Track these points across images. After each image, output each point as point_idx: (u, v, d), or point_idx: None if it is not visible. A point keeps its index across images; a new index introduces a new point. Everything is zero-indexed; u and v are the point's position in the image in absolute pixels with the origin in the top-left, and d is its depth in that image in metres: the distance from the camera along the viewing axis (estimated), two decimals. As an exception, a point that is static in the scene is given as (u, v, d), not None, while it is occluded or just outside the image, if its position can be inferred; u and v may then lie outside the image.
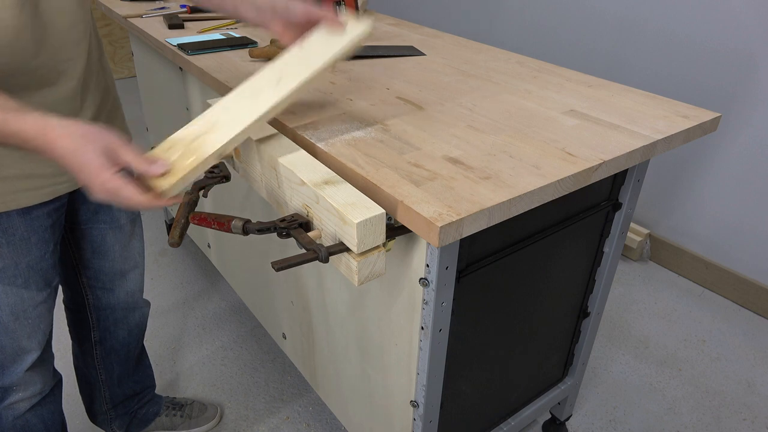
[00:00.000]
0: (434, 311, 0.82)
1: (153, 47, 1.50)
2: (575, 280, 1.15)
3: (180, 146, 0.78)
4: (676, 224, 2.13)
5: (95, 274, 1.15)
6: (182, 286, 2.01)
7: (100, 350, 1.26)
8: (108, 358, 1.27)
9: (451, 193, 0.74)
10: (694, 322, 1.90)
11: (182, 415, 1.47)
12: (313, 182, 0.76)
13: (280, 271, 0.93)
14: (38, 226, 0.93)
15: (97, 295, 1.18)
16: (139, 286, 1.24)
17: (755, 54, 1.74)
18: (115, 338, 1.26)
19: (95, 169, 0.68)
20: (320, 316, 1.15)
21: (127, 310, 1.24)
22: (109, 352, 1.27)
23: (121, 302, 1.22)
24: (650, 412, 1.56)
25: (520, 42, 2.47)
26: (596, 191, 1.04)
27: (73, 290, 1.18)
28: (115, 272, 1.17)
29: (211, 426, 1.49)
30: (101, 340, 1.25)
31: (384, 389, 1.03)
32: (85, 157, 0.68)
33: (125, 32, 3.84)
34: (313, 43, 0.87)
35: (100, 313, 1.21)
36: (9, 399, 1.03)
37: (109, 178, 0.69)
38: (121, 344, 1.27)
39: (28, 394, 1.05)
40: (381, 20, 1.67)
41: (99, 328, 1.23)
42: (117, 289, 1.19)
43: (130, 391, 1.36)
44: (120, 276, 1.18)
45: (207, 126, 0.81)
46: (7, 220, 0.89)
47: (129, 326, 1.27)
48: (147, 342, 1.76)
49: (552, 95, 1.10)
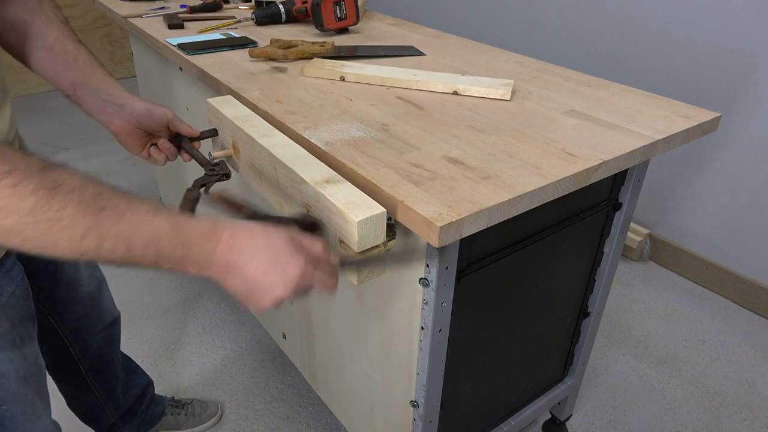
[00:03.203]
0: (434, 311, 0.82)
1: (153, 47, 1.50)
2: (575, 280, 1.15)
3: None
4: (676, 224, 2.13)
5: (66, 307, 1.07)
6: (182, 286, 2.01)
7: (93, 377, 1.21)
8: (104, 379, 1.24)
9: (451, 193, 0.74)
10: (694, 322, 1.90)
11: (186, 413, 1.47)
12: (314, 181, 0.76)
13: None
14: (16, 274, 0.83)
15: (74, 327, 1.11)
16: (109, 298, 1.18)
17: (755, 54, 1.74)
18: (104, 358, 1.21)
19: (287, 262, 0.60)
20: (320, 316, 1.15)
21: (105, 328, 1.19)
22: (103, 372, 1.23)
23: (100, 323, 1.16)
24: (650, 412, 1.56)
25: (520, 42, 2.47)
26: (596, 191, 1.04)
27: (46, 334, 1.08)
28: (85, 295, 1.09)
29: (215, 422, 1.51)
30: (91, 367, 1.20)
31: (384, 389, 1.03)
32: (269, 247, 0.60)
33: (125, 32, 3.84)
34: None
35: (82, 342, 1.15)
36: None
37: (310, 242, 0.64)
38: (109, 360, 1.23)
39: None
40: (381, 20, 1.67)
41: (85, 358, 1.17)
42: (91, 312, 1.13)
43: (133, 397, 1.34)
44: (91, 298, 1.11)
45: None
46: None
47: (111, 340, 1.22)
48: (147, 342, 1.76)
49: (552, 95, 1.10)
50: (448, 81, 1.11)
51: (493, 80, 1.11)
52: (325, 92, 1.09)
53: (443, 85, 1.10)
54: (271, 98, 1.05)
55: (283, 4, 1.57)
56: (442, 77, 1.13)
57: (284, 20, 1.58)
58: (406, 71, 1.16)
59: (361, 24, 1.62)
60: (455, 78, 1.13)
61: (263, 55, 1.26)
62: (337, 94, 1.09)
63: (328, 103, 1.04)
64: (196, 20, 1.63)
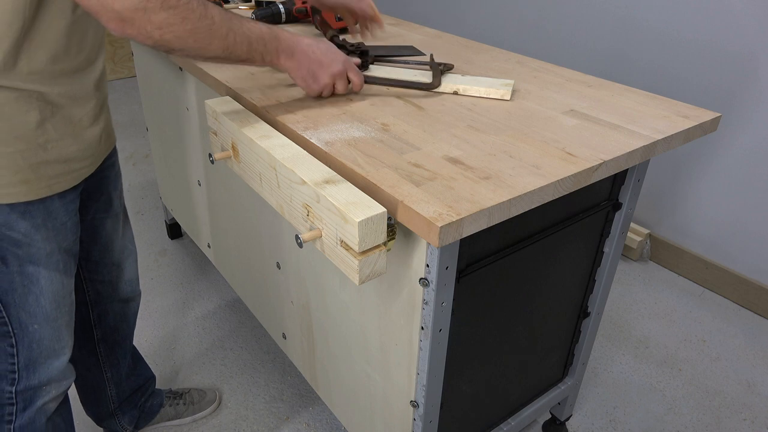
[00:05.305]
0: (434, 311, 0.82)
1: (153, 47, 1.50)
2: (575, 280, 1.15)
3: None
4: (676, 224, 2.13)
5: (96, 266, 1.15)
6: (182, 285, 2.01)
7: (103, 348, 1.26)
8: (113, 354, 1.27)
9: (451, 193, 0.74)
10: (694, 322, 1.90)
11: (184, 402, 1.48)
12: (313, 181, 0.76)
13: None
14: (72, 210, 0.94)
15: (98, 289, 1.18)
16: (135, 274, 1.25)
17: (755, 54, 1.74)
18: (117, 332, 1.26)
19: (337, 51, 0.99)
20: (320, 316, 1.15)
21: (125, 301, 1.24)
22: (113, 348, 1.27)
23: (121, 293, 1.22)
24: (650, 412, 1.56)
25: (520, 42, 2.47)
26: (596, 191, 1.04)
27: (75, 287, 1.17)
28: (114, 262, 1.17)
29: (214, 408, 1.52)
30: (103, 337, 1.24)
31: (384, 389, 1.03)
32: (326, 45, 0.97)
33: (125, 32, 3.84)
34: None
35: (102, 308, 1.21)
36: (42, 399, 1.00)
37: (346, 57, 1.00)
38: (123, 337, 1.28)
39: (61, 390, 1.03)
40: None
41: (101, 325, 1.23)
42: (116, 280, 1.19)
43: (135, 384, 1.37)
44: (118, 266, 1.18)
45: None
46: (51, 205, 0.89)
47: (128, 318, 1.27)
48: (147, 341, 1.76)
49: (552, 95, 1.10)
50: (448, 81, 1.11)
51: (493, 80, 1.11)
52: (325, 92, 1.09)
53: (443, 85, 1.10)
54: (272, 98, 1.05)
55: (283, 4, 1.57)
56: (443, 77, 1.13)
57: (284, 20, 1.58)
58: (407, 71, 1.16)
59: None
60: (455, 78, 1.13)
61: (263, 55, 1.26)
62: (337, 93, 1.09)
63: (328, 103, 1.04)
64: (196, 20, 1.62)
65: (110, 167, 1.09)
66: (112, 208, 1.12)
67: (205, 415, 1.50)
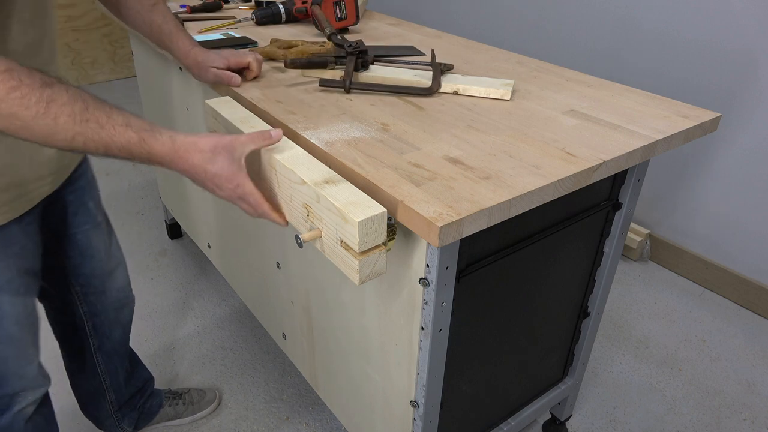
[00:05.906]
0: (434, 311, 0.82)
1: (153, 47, 1.50)
2: (575, 280, 1.15)
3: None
4: (676, 224, 2.13)
5: (88, 279, 1.14)
6: (182, 286, 2.01)
7: (100, 356, 1.25)
8: (110, 362, 1.27)
9: (451, 193, 0.74)
10: (694, 322, 1.90)
11: (184, 402, 1.48)
12: (313, 181, 0.76)
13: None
14: (32, 230, 0.94)
15: (90, 301, 1.17)
16: (126, 280, 1.24)
17: (755, 54, 1.74)
18: (113, 340, 1.25)
19: (227, 177, 0.76)
20: (320, 316, 1.15)
21: (118, 309, 1.24)
22: (111, 356, 1.26)
23: (113, 302, 1.21)
24: (650, 412, 1.56)
25: (520, 42, 2.47)
26: (596, 191, 1.04)
27: (65, 303, 1.17)
28: (105, 272, 1.16)
29: (214, 408, 1.52)
30: (100, 346, 1.24)
31: (384, 389, 1.03)
32: (216, 167, 0.75)
33: (125, 32, 3.84)
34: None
35: (95, 319, 1.20)
36: (20, 404, 1.01)
37: (241, 182, 0.76)
38: (119, 344, 1.27)
39: (37, 396, 1.03)
40: (381, 20, 1.67)
41: (96, 335, 1.22)
42: (108, 289, 1.19)
43: (134, 388, 1.36)
44: (109, 275, 1.18)
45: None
46: (9, 232, 0.88)
47: (122, 324, 1.27)
48: (147, 342, 1.76)
49: (552, 95, 1.10)
50: (448, 81, 1.11)
51: (493, 80, 1.11)
52: (325, 92, 1.09)
53: (443, 85, 1.10)
54: (271, 98, 1.05)
55: (283, 4, 1.57)
56: (443, 77, 1.13)
57: (284, 20, 1.58)
58: (407, 71, 1.16)
59: (361, 24, 1.62)
60: (455, 78, 1.13)
61: (263, 55, 1.26)
62: (337, 93, 1.09)
63: (328, 103, 1.04)
64: (196, 20, 1.63)
65: (81, 176, 1.08)
66: (94, 218, 1.11)
67: (205, 415, 1.50)
